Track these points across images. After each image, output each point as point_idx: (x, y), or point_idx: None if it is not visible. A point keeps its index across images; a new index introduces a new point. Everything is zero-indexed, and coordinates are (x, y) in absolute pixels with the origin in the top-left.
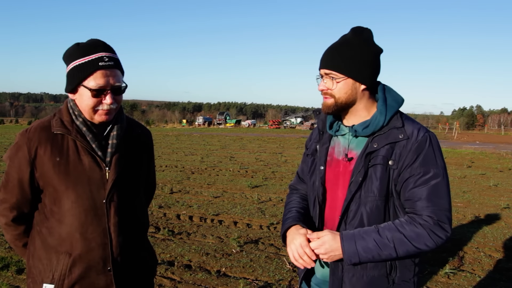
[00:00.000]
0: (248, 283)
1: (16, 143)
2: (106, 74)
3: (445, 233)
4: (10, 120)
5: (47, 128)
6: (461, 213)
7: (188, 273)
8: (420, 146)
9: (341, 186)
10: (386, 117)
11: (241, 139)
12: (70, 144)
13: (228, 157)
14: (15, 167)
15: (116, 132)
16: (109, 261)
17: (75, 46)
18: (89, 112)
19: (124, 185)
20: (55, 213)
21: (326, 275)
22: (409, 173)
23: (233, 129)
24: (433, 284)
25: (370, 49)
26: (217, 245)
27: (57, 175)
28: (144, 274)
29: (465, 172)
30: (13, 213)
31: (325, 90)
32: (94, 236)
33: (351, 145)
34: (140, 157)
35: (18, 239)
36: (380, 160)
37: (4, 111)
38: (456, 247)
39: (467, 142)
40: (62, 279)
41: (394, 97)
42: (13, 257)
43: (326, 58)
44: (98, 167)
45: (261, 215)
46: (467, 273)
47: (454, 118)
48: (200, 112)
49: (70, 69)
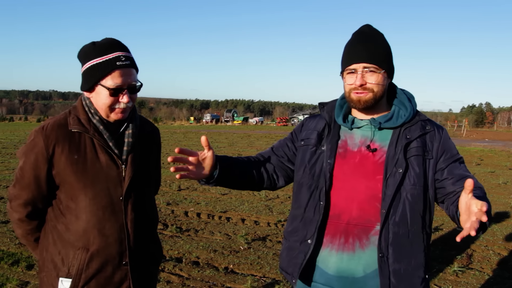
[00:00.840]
0: (256, 280)
1: (32, 140)
2: (123, 73)
3: None
4: (20, 118)
5: (64, 126)
6: None
7: (196, 269)
8: (445, 139)
9: (359, 177)
10: (414, 109)
11: (248, 136)
12: (88, 142)
13: (235, 154)
14: (31, 163)
15: (132, 130)
16: (126, 256)
17: (91, 45)
18: (106, 110)
19: (138, 182)
20: (72, 210)
21: (343, 270)
22: (446, 162)
23: (240, 127)
24: (441, 282)
25: (388, 45)
26: (225, 242)
27: (74, 173)
28: (153, 266)
29: (474, 170)
30: (27, 208)
31: (365, 85)
32: (112, 232)
33: (375, 137)
34: (151, 154)
35: (30, 234)
36: (415, 151)
37: (14, 108)
38: (464, 245)
39: (476, 140)
40: (80, 273)
41: (409, 94)
42: (23, 253)
43: (362, 51)
44: (115, 165)
45: (269, 212)
46: (476, 271)
47: (463, 115)
48: (208, 109)
49: (86, 68)
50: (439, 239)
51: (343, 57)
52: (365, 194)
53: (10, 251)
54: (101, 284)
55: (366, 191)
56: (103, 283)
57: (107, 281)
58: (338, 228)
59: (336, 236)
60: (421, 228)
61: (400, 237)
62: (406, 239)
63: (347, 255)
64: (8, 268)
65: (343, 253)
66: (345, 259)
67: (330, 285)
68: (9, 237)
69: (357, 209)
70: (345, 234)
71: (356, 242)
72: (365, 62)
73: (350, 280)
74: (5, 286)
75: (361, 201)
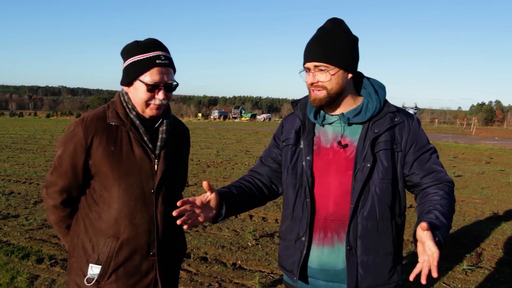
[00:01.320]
0: (264, 276)
1: (72, 130)
2: (162, 71)
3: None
4: (29, 113)
5: (103, 119)
6: (479, 209)
7: (204, 265)
8: (415, 129)
9: (333, 173)
10: (381, 102)
11: (256, 133)
12: (124, 135)
13: (243, 151)
14: (70, 152)
15: (165, 127)
16: (154, 247)
17: (134, 43)
18: (142, 105)
19: (169, 176)
20: (105, 199)
21: (324, 263)
22: (414, 155)
23: (248, 123)
24: (450, 281)
25: (351, 38)
26: (233, 238)
27: (110, 164)
28: (176, 260)
29: (483, 168)
30: (63, 196)
31: (316, 83)
32: (142, 222)
33: (345, 133)
34: (180, 152)
35: (63, 221)
36: (384, 145)
37: (23, 104)
38: (474, 243)
39: (485, 138)
40: (109, 260)
41: (379, 85)
42: (33, 247)
43: (313, 50)
44: (148, 158)
45: (277, 208)
46: (485, 269)
47: (472, 113)
48: (216, 106)
49: (128, 64)
50: None
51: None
52: (339, 189)
53: (20, 245)
54: (129, 273)
55: (340, 187)
56: (130, 271)
57: (135, 270)
58: (318, 223)
59: (316, 231)
60: (390, 219)
61: (369, 230)
62: (374, 231)
63: (327, 249)
64: (19, 261)
65: (323, 248)
66: (325, 253)
67: (314, 277)
68: (19, 231)
69: (333, 205)
70: (324, 229)
71: (334, 236)
72: (315, 61)
73: (331, 272)
74: (15, 279)
75: (336, 197)
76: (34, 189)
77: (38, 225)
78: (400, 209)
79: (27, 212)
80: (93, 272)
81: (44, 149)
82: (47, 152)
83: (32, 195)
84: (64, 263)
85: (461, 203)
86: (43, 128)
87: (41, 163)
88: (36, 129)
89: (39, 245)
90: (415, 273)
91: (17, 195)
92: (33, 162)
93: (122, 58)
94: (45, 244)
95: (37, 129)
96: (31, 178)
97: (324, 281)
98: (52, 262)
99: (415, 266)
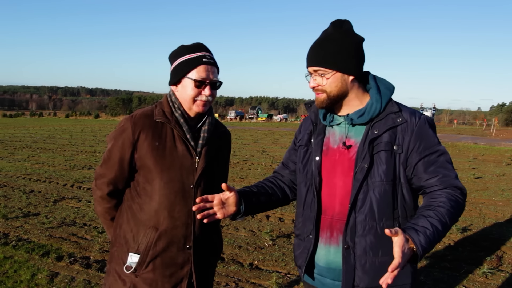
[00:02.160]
0: (281, 277)
1: (122, 125)
2: (207, 69)
3: (465, 192)
4: (49, 113)
5: (150, 116)
6: (500, 212)
7: (221, 265)
8: (420, 129)
9: (338, 174)
10: (382, 104)
11: (273, 133)
12: (168, 132)
13: (260, 151)
14: (119, 146)
15: (207, 127)
16: (190, 240)
17: (181, 47)
18: (189, 101)
19: (208, 173)
20: (147, 191)
21: (331, 262)
22: (418, 157)
23: (264, 124)
24: (470, 284)
25: (352, 40)
26: (250, 238)
27: (154, 158)
28: (212, 256)
29: (504, 170)
30: (110, 187)
31: (316, 87)
32: (180, 215)
33: (349, 133)
34: (221, 152)
35: (108, 212)
36: (384, 147)
37: (43, 104)
38: (494, 246)
39: (506, 139)
40: (148, 250)
41: (386, 85)
42: (53, 244)
43: (312, 55)
44: (190, 155)
45: (293, 209)
46: (506, 273)
47: (492, 114)
48: (232, 106)
49: (177, 64)
50: (467, 239)
51: None
52: (344, 190)
53: (40, 243)
54: (166, 263)
55: (344, 187)
56: (167, 262)
57: (171, 261)
58: (325, 222)
59: (323, 230)
60: (392, 221)
61: (368, 230)
62: (374, 232)
63: (333, 248)
64: (39, 259)
65: (330, 247)
66: (332, 252)
67: (322, 275)
68: (39, 229)
69: (338, 205)
70: (330, 228)
71: (339, 236)
72: (314, 65)
73: (337, 271)
74: (36, 276)
75: (341, 197)
76: (54, 188)
77: (58, 223)
78: (405, 211)
79: (47, 210)
80: (132, 261)
81: (64, 148)
82: (66, 152)
83: (52, 193)
84: (83, 261)
85: (481, 205)
86: (62, 128)
87: (61, 162)
88: (56, 129)
89: (58, 243)
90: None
91: (37, 194)
92: (53, 161)
93: (170, 61)
94: (65, 242)
95: (57, 129)
96: (51, 177)
97: (332, 279)
98: (71, 260)
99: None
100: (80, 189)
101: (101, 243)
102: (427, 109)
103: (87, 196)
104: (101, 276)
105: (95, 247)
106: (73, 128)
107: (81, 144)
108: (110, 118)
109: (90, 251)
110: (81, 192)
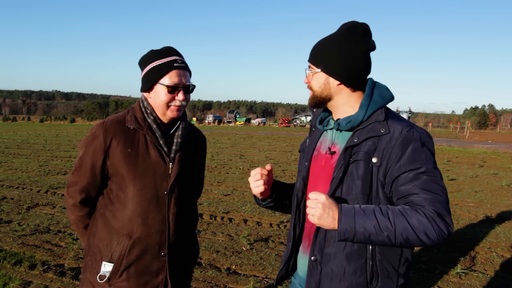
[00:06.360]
0: (259, 281)
1: (93, 132)
2: (180, 73)
3: (448, 227)
4: (23, 118)
5: (122, 122)
6: (473, 213)
7: (199, 270)
8: (405, 141)
9: (322, 181)
10: (366, 112)
11: (251, 137)
12: (141, 138)
13: (238, 155)
14: (90, 153)
15: (181, 132)
16: (165, 247)
17: (151, 51)
18: (163, 107)
19: (183, 180)
20: (120, 199)
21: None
22: (398, 170)
23: (243, 127)
24: (444, 284)
25: (354, 46)
26: (227, 242)
27: (126, 165)
28: (187, 262)
29: (477, 171)
30: (82, 195)
31: (305, 82)
32: (154, 222)
33: (336, 140)
34: (195, 157)
35: (81, 220)
36: (361, 156)
37: (17, 108)
38: (467, 247)
39: (479, 142)
40: (121, 258)
41: (381, 94)
42: (25, 252)
43: (311, 50)
44: (163, 161)
45: (271, 213)
46: (479, 273)
47: (465, 117)
48: (210, 110)
49: (147, 70)
50: None
51: None
52: None
53: (12, 251)
54: (140, 271)
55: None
56: (141, 270)
57: (146, 269)
58: (306, 231)
59: (305, 239)
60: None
61: (337, 245)
62: (343, 249)
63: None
64: (11, 267)
65: (306, 256)
66: (307, 262)
67: (302, 285)
68: (12, 236)
69: None
70: (308, 238)
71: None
72: (308, 60)
73: None
74: (7, 285)
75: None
76: (27, 194)
77: (31, 230)
78: None
79: (20, 217)
80: (106, 270)
81: (38, 153)
82: (41, 157)
83: (25, 200)
84: (57, 268)
85: (454, 207)
86: (36, 133)
87: (34, 168)
88: (30, 134)
89: (32, 250)
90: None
91: (10, 201)
92: (26, 167)
93: (140, 67)
94: (38, 250)
95: (31, 134)
96: (24, 183)
97: None
98: (45, 268)
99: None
100: (55, 195)
101: (76, 250)
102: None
103: (62, 202)
104: (75, 284)
105: (70, 254)
106: (48, 133)
107: (56, 149)
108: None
109: (64, 258)
110: (55, 198)
